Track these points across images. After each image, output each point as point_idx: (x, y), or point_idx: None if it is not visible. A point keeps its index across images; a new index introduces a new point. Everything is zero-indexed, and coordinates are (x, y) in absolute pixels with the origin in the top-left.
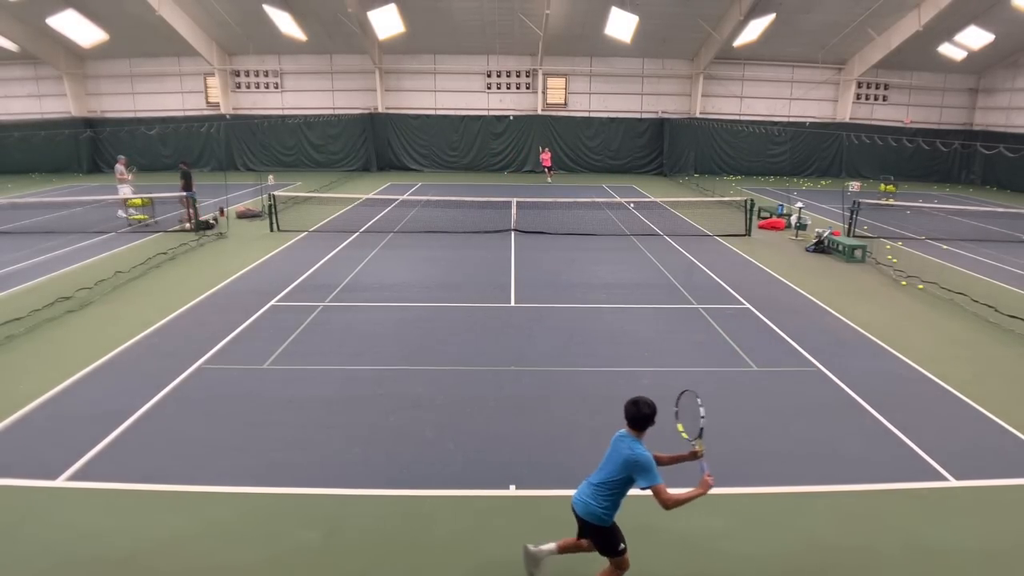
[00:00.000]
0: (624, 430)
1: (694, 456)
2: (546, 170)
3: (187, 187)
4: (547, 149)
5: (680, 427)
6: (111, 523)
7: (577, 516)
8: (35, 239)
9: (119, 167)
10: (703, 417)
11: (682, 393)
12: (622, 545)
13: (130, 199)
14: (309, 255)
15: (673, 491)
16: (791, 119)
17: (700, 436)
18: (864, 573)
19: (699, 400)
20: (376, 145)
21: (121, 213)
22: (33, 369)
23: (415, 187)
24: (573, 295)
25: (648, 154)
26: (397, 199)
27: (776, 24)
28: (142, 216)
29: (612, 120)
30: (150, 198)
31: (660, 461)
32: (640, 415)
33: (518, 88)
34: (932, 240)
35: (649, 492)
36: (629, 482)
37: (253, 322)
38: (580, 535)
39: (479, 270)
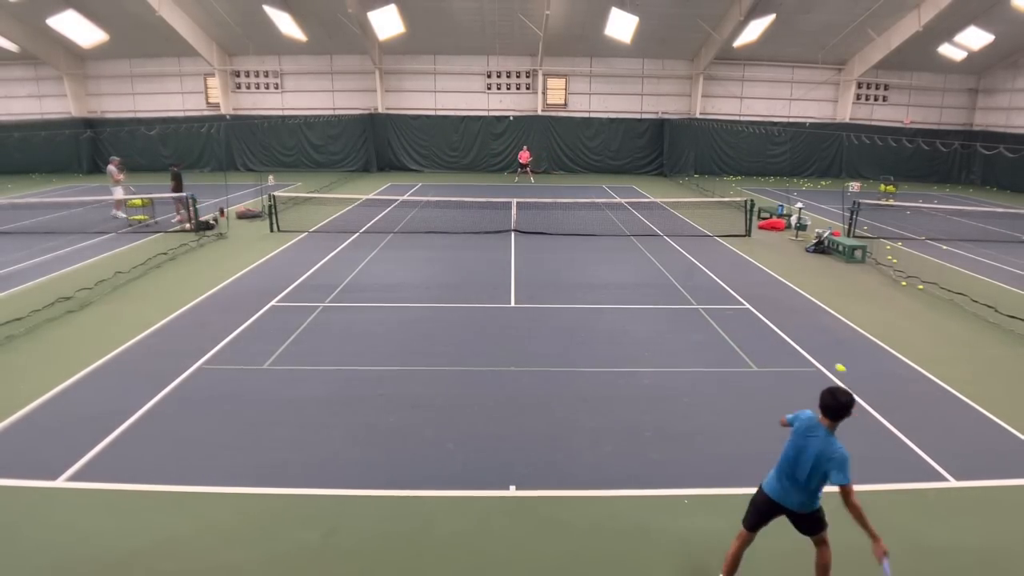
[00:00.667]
0: (814, 417)
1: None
2: (519, 167)
3: (178, 188)
4: (526, 148)
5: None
6: (111, 523)
7: (785, 509)
8: (35, 239)
9: (112, 168)
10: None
11: None
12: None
13: (130, 199)
14: (309, 256)
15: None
16: (791, 119)
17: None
18: (864, 573)
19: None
20: (376, 145)
21: (121, 214)
22: (33, 369)
23: (415, 187)
24: (573, 295)
25: (648, 154)
26: (397, 199)
27: (776, 24)
28: (143, 216)
29: (612, 120)
30: (150, 198)
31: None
32: (838, 404)
33: (518, 88)
34: (932, 240)
35: (835, 489)
36: (827, 474)
37: (253, 323)
38: (761, 522)
39: (479, 270)
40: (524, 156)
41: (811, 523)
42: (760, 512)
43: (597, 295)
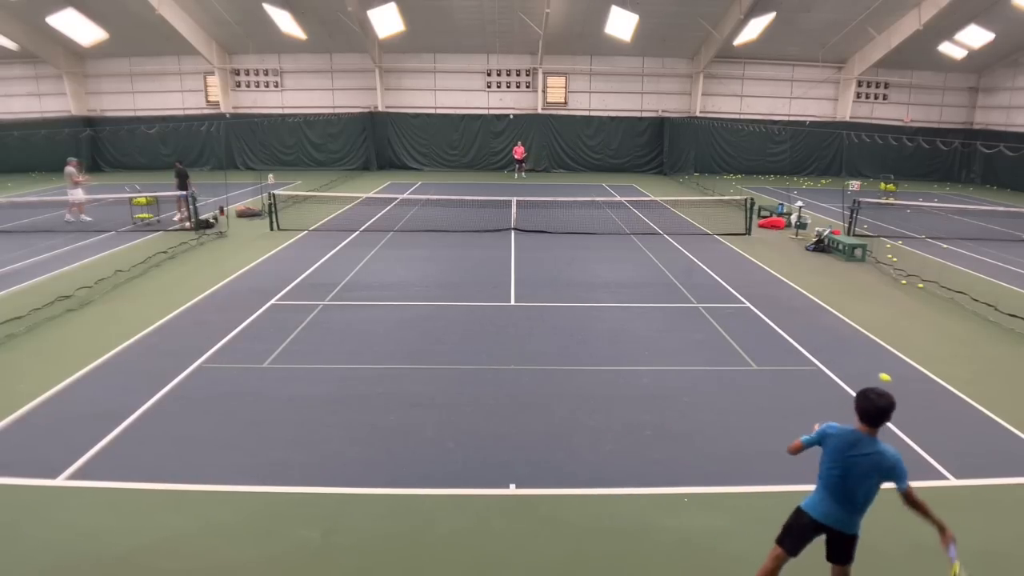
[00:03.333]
0: (848, 430)
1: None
2: (518, 165)
3: (182, 186)
4: (520, 143)
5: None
6: (111, 522)
7: (835, 532)
8: (35, 238)
9: (71, 169)
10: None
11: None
12: None
13: (135, 198)
14: (309, 254)
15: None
16: (791, 118)
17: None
18: (864, 572)
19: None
20: (376, 144)
21: (86, 216)
22: (33, 368)
23: (415, 186)
24: (573, 294)
25: (648, 153)
26: (397, 198)
27: (776, 23)
28: (147, 215)
29: (612, 119)
30: (155, 196)
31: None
32: (876, 408)
33: (518, 87)
34: (932, 239)
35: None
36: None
37: (253, 321)
38: (802, 546)
39: (479, 269)
40: (519, 152)
41: (850, 549)
42: (803, 537)
43: (597, 294)
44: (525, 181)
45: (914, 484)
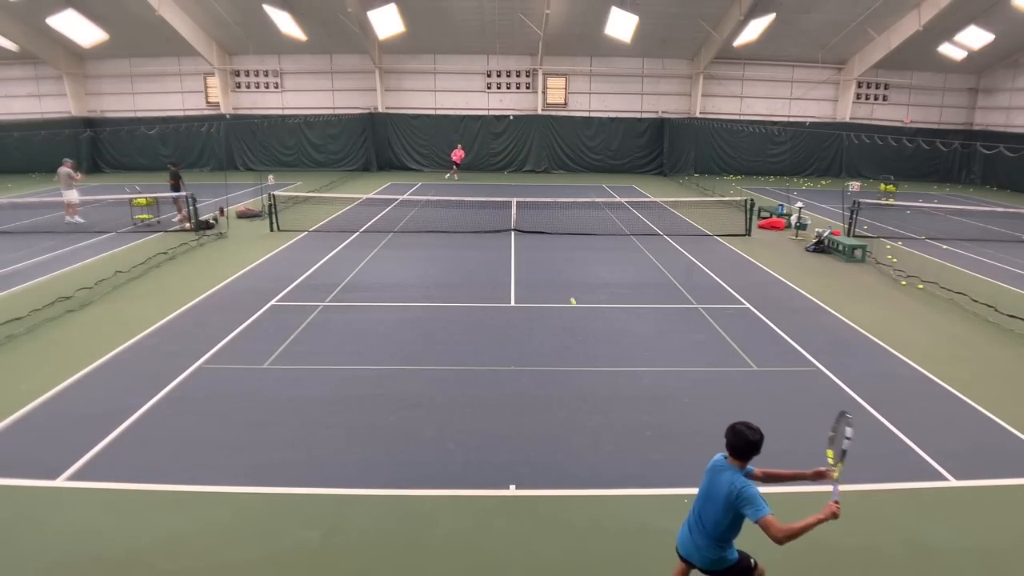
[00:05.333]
0: (722, 456)
1: (820, 476)
2: (455, 167)
3: (177, 186)
4: (460, 146)
5: (830, 454)
6: (110, 523)
7: (692, 565)
8: (35, 239)
9: (67, 170)
10: (849, 439)
11: (840, 416)
12: (752, 560)
13: (135, 198)
14: (309, 255)
15: (787, 523)
16: (791, 119)
17: (842, 459)
18: (864, 573)
19: (850, 419)
20: (376, 145)
21: (76, 218)
22: (33, 369)
23: (415, 187)
24: (573, 295)
25: (648, 154)
26: (397, 199)
27: (776, 24)
28: (147, 216)
29: (612, 120)
30: (155, 197)
31: (779, 477)
32: (746, 442)
33: (518, 88)
34: (932, 240)
35: (756, 525)
36: (740, 518)
37: (253, 322)
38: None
39: (479, 270)
40: (458, 155)
41: (737, 574)
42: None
43: (597, 294)
44: (457, 182)
45: (915, 485)
